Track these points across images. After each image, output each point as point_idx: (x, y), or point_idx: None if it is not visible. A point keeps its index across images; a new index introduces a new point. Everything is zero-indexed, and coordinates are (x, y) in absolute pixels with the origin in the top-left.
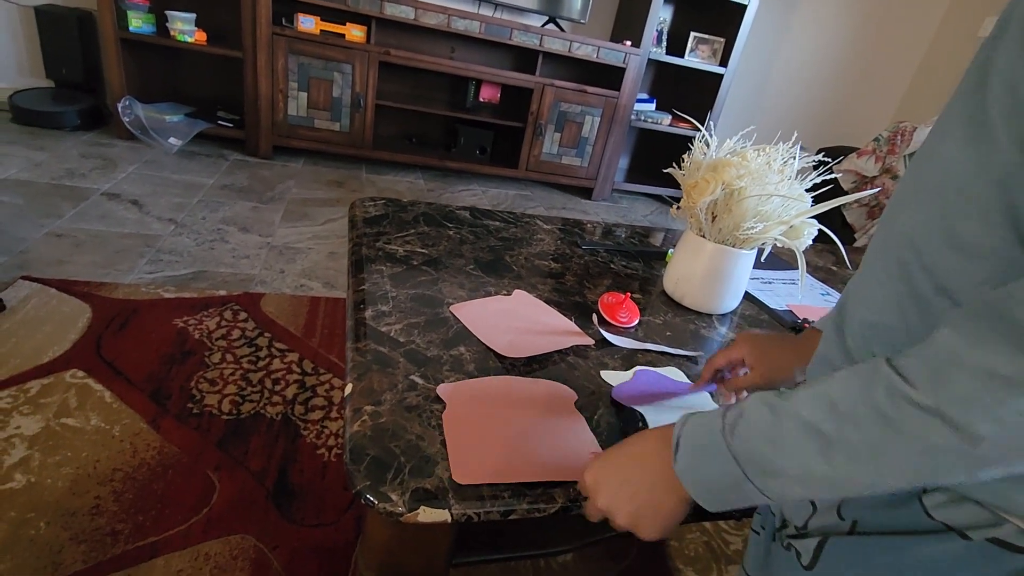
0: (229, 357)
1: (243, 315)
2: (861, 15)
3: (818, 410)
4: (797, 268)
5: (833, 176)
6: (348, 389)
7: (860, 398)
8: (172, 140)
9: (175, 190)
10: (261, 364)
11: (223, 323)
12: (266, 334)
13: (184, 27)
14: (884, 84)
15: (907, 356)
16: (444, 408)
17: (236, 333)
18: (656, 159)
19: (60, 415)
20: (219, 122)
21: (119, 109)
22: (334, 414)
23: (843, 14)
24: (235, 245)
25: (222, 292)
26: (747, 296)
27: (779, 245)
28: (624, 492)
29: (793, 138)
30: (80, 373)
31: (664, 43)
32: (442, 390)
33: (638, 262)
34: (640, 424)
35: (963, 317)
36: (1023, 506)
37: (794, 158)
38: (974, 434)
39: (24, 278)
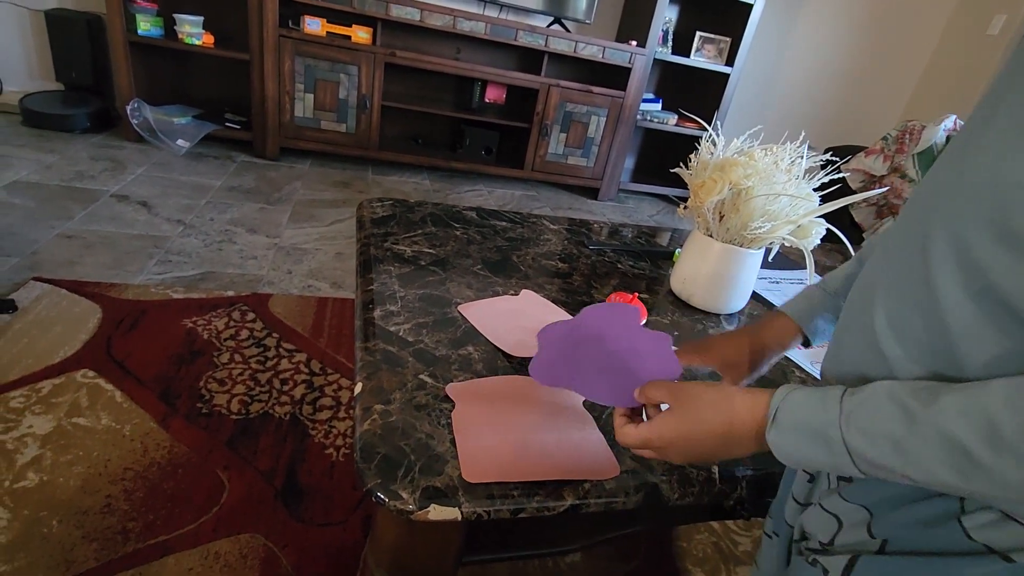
0: (237, 357)
1: (251, 315)
2: (868, 13)
3: (971, 430)
4: (805, 268)
5: (841, 175)
6: (358, 388)
7: None
8: (180, 142)
9: (183, 191)
10: (269, 364)
11: (231, 323)
12: (274, 334)
13: (192, 30)
14: (892, 82)
15: None
16: (453, 407)
17: (244, 333)
18: (662, 159)
19: (72, 415)
20: (227, 124)
21: (128, 111)
22: (342, 414)
23: (850, 12)
24: (243, 246)
25: (230, 293)
26: (755, 296)
27: (787, 244)
28: (696, 456)
29: (801, 137)
30: (91, 373)
31: (670, 43)
32: (451, 389)
33: (645, 262)
34: None
35: None
36: None
37: (801, 157)
38: None
39: (35, 279)
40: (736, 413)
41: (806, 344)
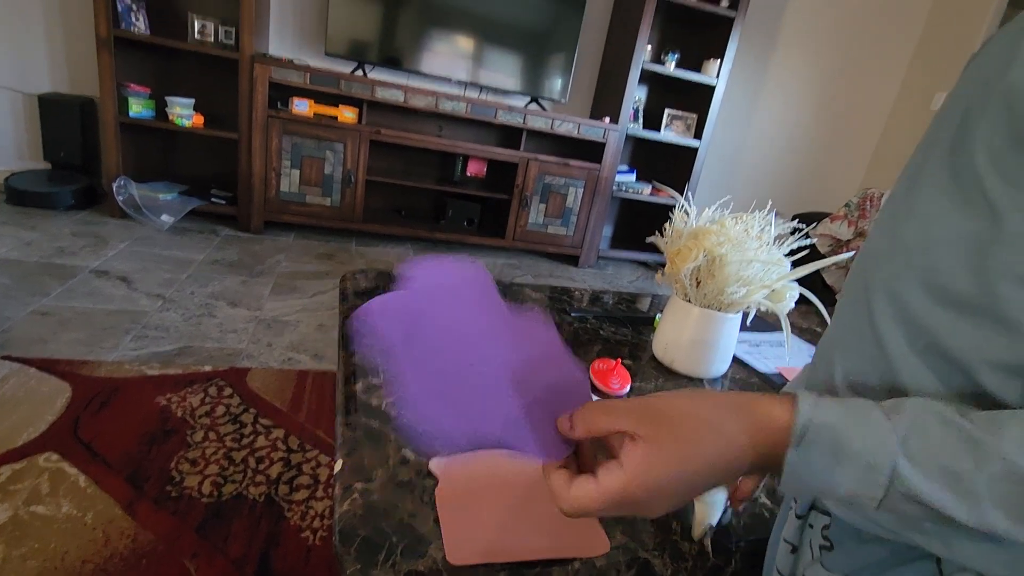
0: (212, 435)
1: (228, 391)
2: (823, 91)
3: None
4: (783, 330)
5: (810, 241)
6: (338, 466)
7: None
8: (165, 217)
9: (165, 266)
10: (245, 441)
11: (207, 399)
12: (251, 410)
13: (183, 111)
14: (850, 153)
15: None
16: (437, 483)
17: (220, 410)
18: (639, 227)
19: (30, 502)
20: (212, 199)
21: (114, 189)
22: (320, 493)
23: (806, 90)
24: (223, 319)
25: (207, 367)
26: (736, 360)
27: (763, 309)
28: (685, 498)
29: (768, 206)
30: (55, 456)
31: (641, 119)
32: (434, 465)
33: (627, 328)
34: None
35: None
36: None
37: (770, 225)
38: None
39: (4, 358)
40: (739, 430)
41: None
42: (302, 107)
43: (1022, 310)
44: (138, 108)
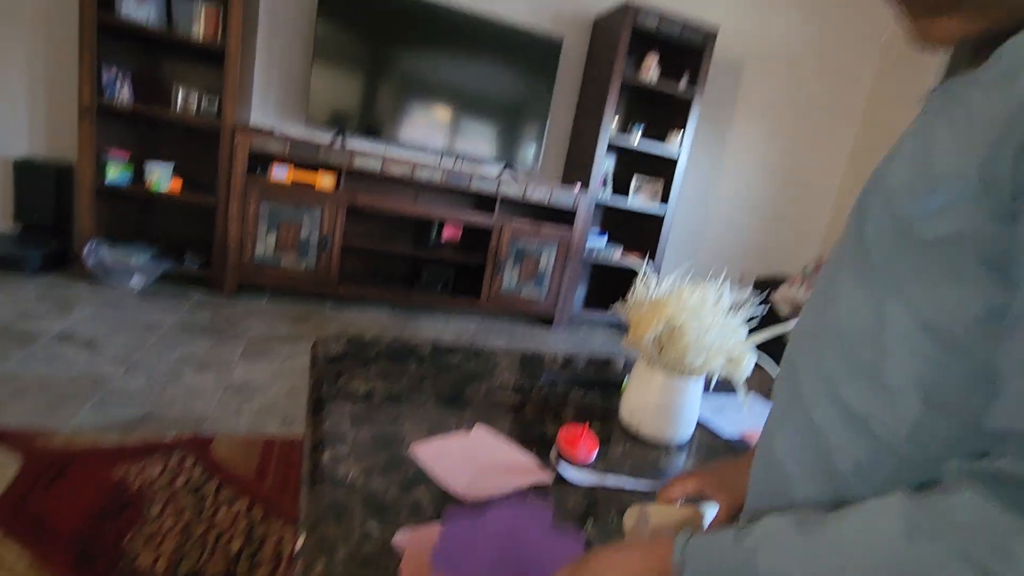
0: (170, 508)
1: (190, 460)
2: (779, 162)
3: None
4: (741, 395)
5: (766, 307)
6: (300, 541)
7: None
8: (135, 280)
9: (133, 330)
10: (205, 514)
11: (167, 470)
12: (214, 480)
13: (161, 177)
14: (807, 219)
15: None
16: (402, 558)
17: (181, 481)
18: (611, 288)
19: None
20: (186, 262)
21: (84, 252)
22: (283, 568)
23: (763, 161)
24: (190, 385)
25: (170, 436)
26: (701, 424)
27: (723, 374)
28: None
29: (722, 275)
30: None
31: (610, 186)
32: (398, 539)
33: (596, 392)
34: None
35: None
36: None
37: (726, 294)
38: None
39: None
40: (629, 557)
41: None
42: (281, 173)
43: (901, 378)
44: (115, 173)
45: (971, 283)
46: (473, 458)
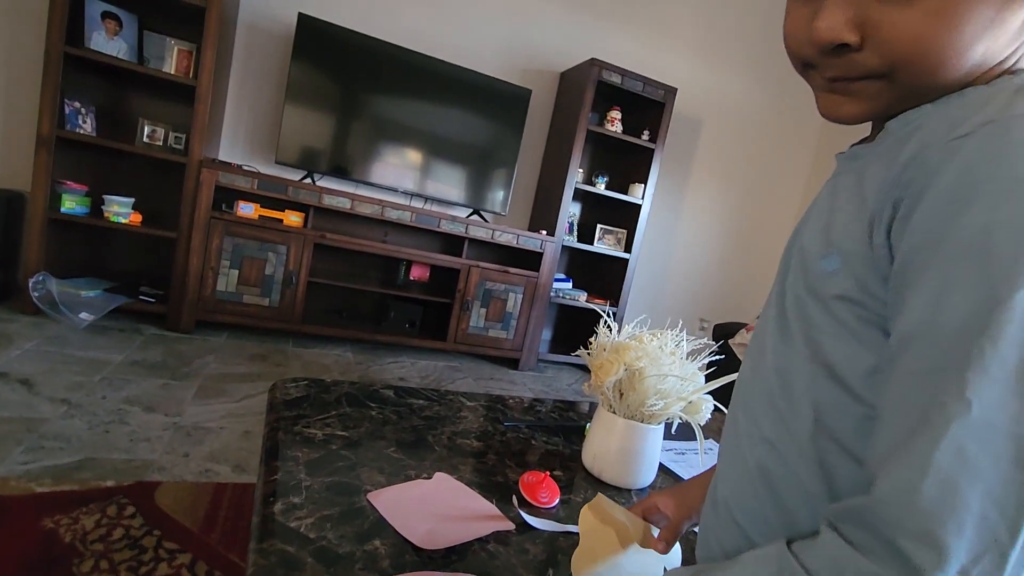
0: (104, 564)
1: (130, 510)
2: (735, 211)
3: None
4: (708, 438)
5: (721, 356)
6: None
7: None
8: (83, 315)
9: (76, 368)
10: (143, 571)
11: (104, 521)
12: (155, 532)
13: (120, 210)
14: (763, 267)
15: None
16: None
17: (118, 533)
18: (576, 331)
19: None
20: (141, 297)
21: (30, 284)
22: None
23: (720, 211)
24: (135, 427)
25: (110, 483)
26: (662, 468)
27: (681, 420)
28: None
29: (679, 323)
30: None
31: (575, 232)
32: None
33: (559, 437)
34: None
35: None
36: None
37: (683, 341)
38: None
39: None
40: None
41: None
42: (247, 210)
43: (804, 426)
44: (71, 204)
45: (863, 340)
46: (434, 505)
